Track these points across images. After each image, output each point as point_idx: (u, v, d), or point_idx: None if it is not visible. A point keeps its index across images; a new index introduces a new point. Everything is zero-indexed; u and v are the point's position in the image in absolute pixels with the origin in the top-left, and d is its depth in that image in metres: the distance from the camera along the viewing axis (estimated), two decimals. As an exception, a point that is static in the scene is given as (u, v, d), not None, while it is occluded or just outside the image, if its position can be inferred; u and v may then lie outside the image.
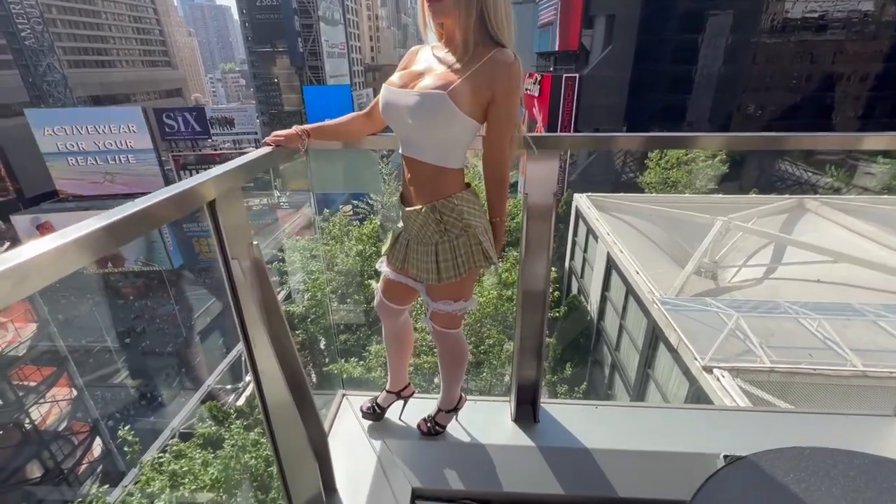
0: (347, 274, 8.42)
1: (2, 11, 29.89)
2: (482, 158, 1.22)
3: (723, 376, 4.39)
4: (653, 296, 5.99)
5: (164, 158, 28.59)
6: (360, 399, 1.72)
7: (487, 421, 1.64)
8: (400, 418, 1.66)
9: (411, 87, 1.12)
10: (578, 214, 10.32)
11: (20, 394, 12.62)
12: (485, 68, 1.06)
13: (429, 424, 1.59)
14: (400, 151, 1.24)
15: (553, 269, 9.87)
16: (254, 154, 1.08)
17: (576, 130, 24.50)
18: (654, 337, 5.93)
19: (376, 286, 1.49)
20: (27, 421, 12.62)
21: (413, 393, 1.69)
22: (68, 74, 34.07)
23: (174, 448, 6.18)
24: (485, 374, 7.48)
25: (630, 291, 6.84)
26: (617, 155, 25.01)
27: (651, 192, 13.81)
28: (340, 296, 8.60)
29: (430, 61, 1.15)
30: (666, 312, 5.51)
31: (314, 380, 9.42)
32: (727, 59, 22.77)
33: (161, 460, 5.97)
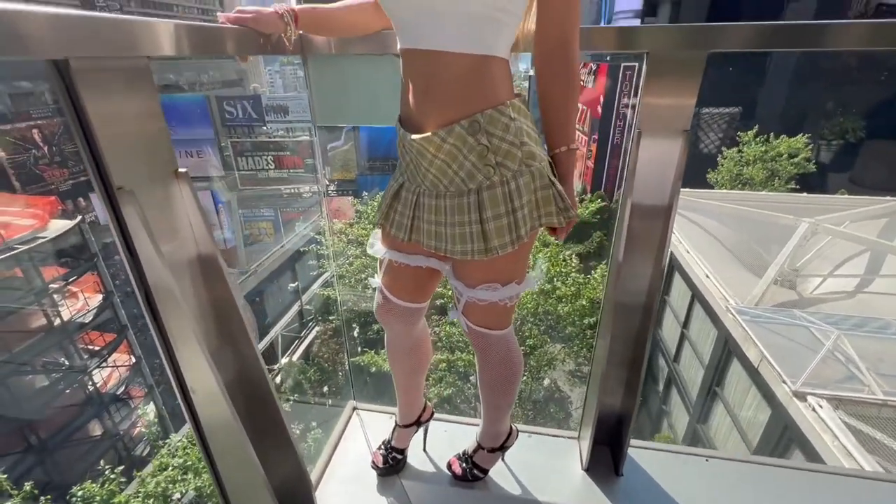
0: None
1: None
2: (535, 41, 0.75)
3: (820, 406, 3.64)
4: (727, 304, 5.21)
5: (223, 144, 30.01)
6: (376, 417, 1.30)
7: (547, 467, 1.17)
8: (424, 450, 1.22)
9: None
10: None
11: (85, 357, 13.58)
12: None
13: (465, 466, 1.13)
14: (400, 47, 0.76)
15: (602, 264, 9.11)
16: (172, 22, 0.63)
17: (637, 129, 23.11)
18: (727, 351, 5.17)
19: (375, 280, 1.02)
20: (90, 383, 13.58)
21: (433, 414, 1.25)
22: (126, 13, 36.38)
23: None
24: (525, 378, 6.96)
25: (697, 297, 6.06)
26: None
27: (721, 189, 12.51)
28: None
29: None
30: (744, 323, 4.74)
31: (325, 390, 9.17)
32: (809, 48, 20.64)
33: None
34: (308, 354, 10.18)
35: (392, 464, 1.18)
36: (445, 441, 1.23)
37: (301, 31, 0.89)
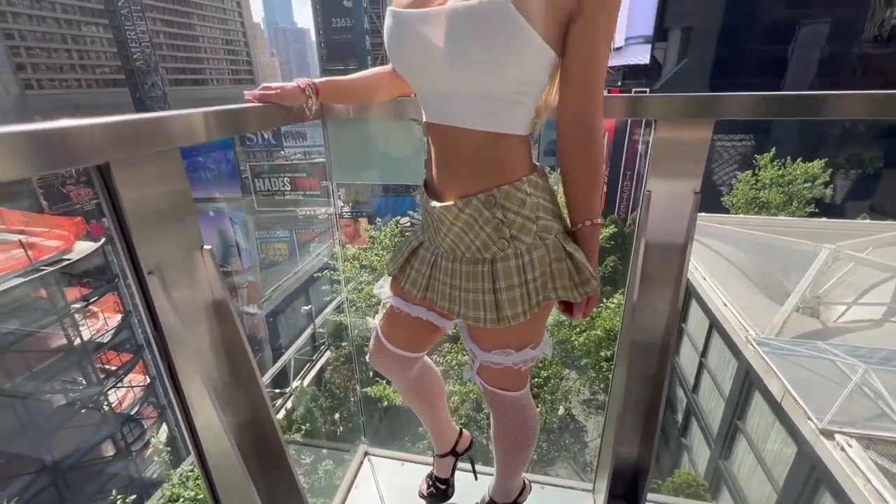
0: None
1: (119, 37, 34.10)
2: (557, 114, 0.75)
3: (849, 445, 3.48)
4: (746, 334, 5.06)
5: (242, 168, 30.99)
6: (389, 465, 1.29)
7: (563, 521, 1.14)
8: (476, 478, 1.21)
9: (438, 1, 0.68)
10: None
11: (101, 376, 13.72)
12: None
13: None
14: (424, 118, 0.78)
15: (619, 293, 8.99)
16: (196, 111, 0.68)
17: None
18: (748, 383, 5.00)
19: (373, 322, 1.01)
20: (105, 402, 13.67)
21: (472, 444, 1.25)
22: (168, 91, 38.01)
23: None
24: (539, 409, 6.80)
25: (715, 325, 5.91)
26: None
27: (737, 214, 12.30)
28: None
29: None
30: (765, 355, 4.59)
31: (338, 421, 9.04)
32: (821, 71, 20.56)
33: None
34: (320, 380, 10.13)
35: (436, 492, 1.18)
36: (457, 488, 1.22)
37: (322, 101, 0.93)
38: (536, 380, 7.00)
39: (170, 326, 0.58)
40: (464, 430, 1.26)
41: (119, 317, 15.09)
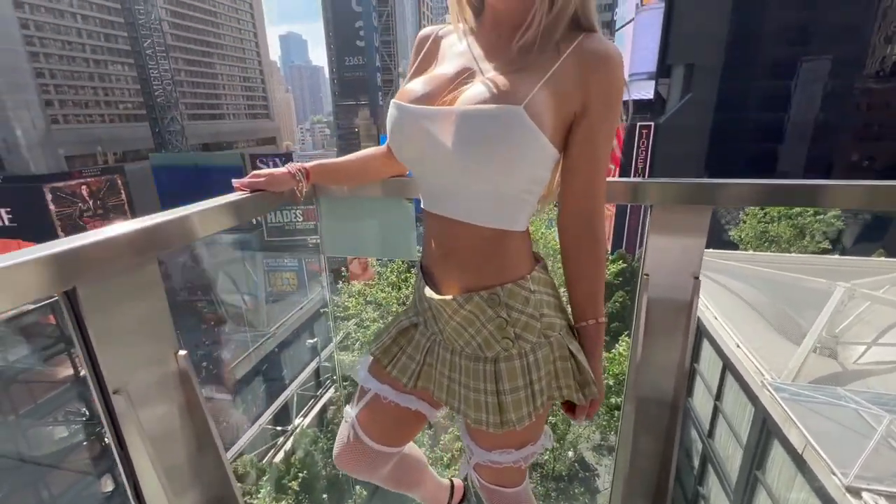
0: None
1: (143, 75, 35.77)
2: (559, 213, 0.75)
3: (878, 505, 3.27)
4: (762, 378, 4.89)
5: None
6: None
7: None
8: None
9: (446, 100, 0.68)
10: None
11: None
12: (571, 65, 0.65)
13: None
14: (423, 206, 0.77)
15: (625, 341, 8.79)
16: (183, 211, 0.66)
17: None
18: (766, 431, 4.78)
19: (349, 411, 0.90)
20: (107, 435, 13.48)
21: (465, 489, 1.18)
22: (186, 126, 39.43)
23: None
24: (547, 457, 6.55)
25: (728, 367, 5.72)
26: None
27: (747, 249, 12.18)
28: None
29: (469, 55, 0.71)
30: (783, 402, 4.41)
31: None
32: (825, 106, 20.85)
33: None
34: (322, 419, 9.90)
35: None
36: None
37: (314, 183, 0.94)
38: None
39: (136, 447, 0.56)
40: (454, 480, 1.20)
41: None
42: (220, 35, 54.68)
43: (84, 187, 29.22)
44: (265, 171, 0.87)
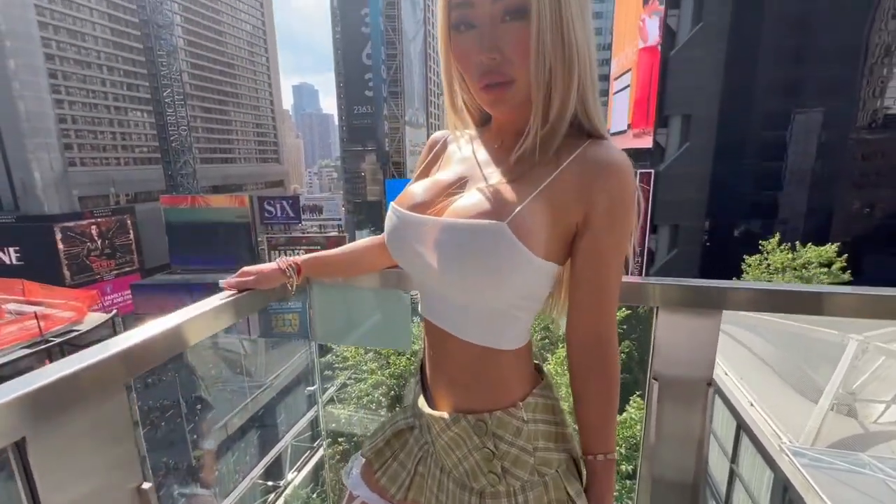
0: (399, 378, 7.72)
1: (160, 121, 37.37)
2: (567, 333, 0.68)
3: (912, 584, 3.01)
4: (779, 441, 4.67)
5: (259, 239, 32.12)
6: None
7: None
8: None
9: (437, 209, 0.66)
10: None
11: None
12: (572, 174, 0.62)
13: None
14: (420, 308, 0.73)
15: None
16: (165, 324, 0.59)
17: (652, 226, 23.63)
18: (788, 500, 4.50)
19: None
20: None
21: None
22: (198, 169, 40.63)
23: None
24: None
25: (743, 428, 5.48)
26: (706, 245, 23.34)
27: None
28: (390, 402, 7.74)
29: (471, 161, 0.71)
30: (803, 469, 4.18)
31: None
32: (821, 155, 21.37)
33: None
34: (317, 476, 9.42)
35: None
36: None
37: (306, 276, 0.91)
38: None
39: None
40: None
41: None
42: (236, 85, 57.61)
43: (94, 227, 29.79)
44: (255, 268, 0.85)
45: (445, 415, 0.67)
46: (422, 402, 0.72)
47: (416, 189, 0.71)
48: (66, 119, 37.01)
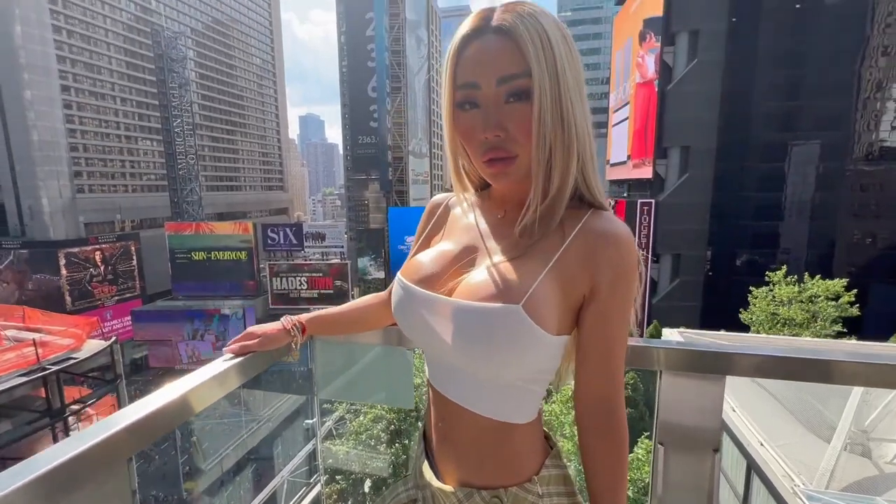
0: (399, 412, 7.52)
1: (169, 150, 38.19)
2: (575, 399, 0.70)
3: None
4: (792, 484, 4.50)
5: (261, 266, 32.17)
6: None
7: None
8: None
9: (447, 287, 0.67)
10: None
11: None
12: (576, 247, 0.64)
13: None
14: (427, 376, 0.73)
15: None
16: (167, 396, 0.58)
17: (654, 255, 23.64)
18: (802, 542, 4.30)
19: None
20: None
21: None
22: (204, 196, 41.21)
23: None
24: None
25: (753, 468, 5.29)
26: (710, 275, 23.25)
27: (759, 332, 11.81)
28: (390, 437, 7.50)
29: (475, 231, 0.72)
30: (817, 510, 4.02)
31: None
32: (820, 186, 21.64)
33: None
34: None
35: None
36: None
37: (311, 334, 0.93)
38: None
39: None
40: None
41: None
42: (244, 115, 59.19)
43: (98, 253, 29.95)
44: (259, 328, 0.85)
45: (458, 490, 0.66)
46: (428, 473, 0.70)
47: (423, 260, 0.72)
48: (78, 147, 37.88)
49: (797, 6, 20.99)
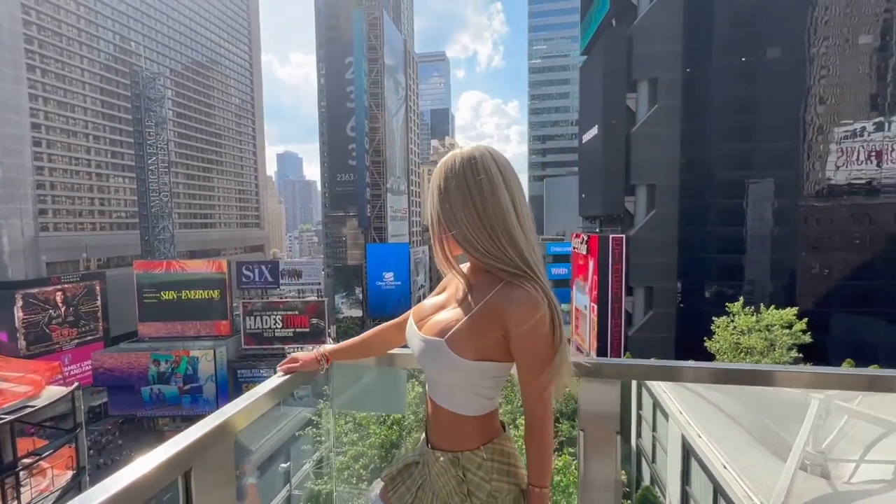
0: (381, 448, 7.51)
1: (142, 188, 37.58)
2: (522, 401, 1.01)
3: None
4: (751, 503, 4.67)
5: (234, 304, 31.27)
6: None
7: None
8: None
9: (423, 325, 1.01)
10: (641, 383, 9.16)
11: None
12: (491, 306, 0.91)
13: None
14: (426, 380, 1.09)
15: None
16: (263, 389, 1.01)
17: (627, 287, 24.40)
18: (769, 566, 4.42)
19: None
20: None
21: None
22: (177, 234, 40.36)
23: None
24: None
25: (719, 491, 5.45)
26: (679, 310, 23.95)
27: (722, 360, 12.31)
28: (370, 475, 7.37)
29: (453, 290, 1.04)
30: (779, 532, 4.17)
31: None
32: (778, 221, 23.00)
33: None
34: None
35: None
36: None
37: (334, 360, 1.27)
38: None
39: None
40: None
41: (70, 474, 13.47)
42: (221, 153, 59.23)
43: (59, 293, 28.56)
44: (300, 356, 1.22)
45: (437, 452, 1.00)
46: (427, 449, 1.04)
47: (425, 304, 1.07)
48: (45, 185, 36.93)
49: (742, 59, 23.08)
